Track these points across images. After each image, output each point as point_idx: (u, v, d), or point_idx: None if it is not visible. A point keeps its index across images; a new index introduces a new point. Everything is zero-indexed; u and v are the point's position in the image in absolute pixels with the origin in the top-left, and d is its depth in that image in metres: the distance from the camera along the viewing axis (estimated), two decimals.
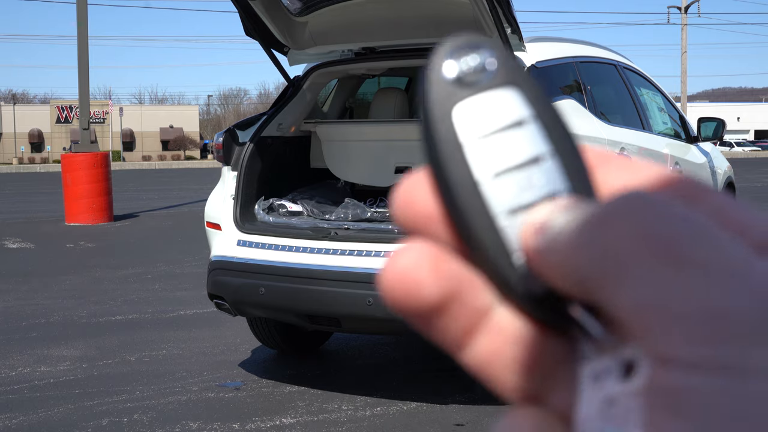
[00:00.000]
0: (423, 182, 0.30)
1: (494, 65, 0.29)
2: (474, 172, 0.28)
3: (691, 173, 5.89)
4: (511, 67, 0.29)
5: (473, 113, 0.29)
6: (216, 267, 4.40)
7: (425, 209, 0.29)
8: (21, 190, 23.49)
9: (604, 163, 0.29)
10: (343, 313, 4.03)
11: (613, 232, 0.25)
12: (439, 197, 0.29)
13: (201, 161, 51.30)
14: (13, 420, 4.04)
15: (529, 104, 0.29)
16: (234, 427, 3.93)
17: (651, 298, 0.24)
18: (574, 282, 0.26)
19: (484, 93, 0.29)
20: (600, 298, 0.25)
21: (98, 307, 6.57)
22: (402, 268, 0.29)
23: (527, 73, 0.30)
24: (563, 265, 0.26)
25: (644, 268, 0.24)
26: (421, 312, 0.29)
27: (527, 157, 0.28)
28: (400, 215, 0.30)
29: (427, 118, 0.29)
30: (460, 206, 0.28)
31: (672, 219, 0.24)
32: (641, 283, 0.24)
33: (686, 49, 42.65)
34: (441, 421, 3.98)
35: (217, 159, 4.88)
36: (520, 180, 0.28)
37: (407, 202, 0.30)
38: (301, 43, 4.83)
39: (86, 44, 13.28)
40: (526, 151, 0.28)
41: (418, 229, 0.30)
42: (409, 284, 0.28)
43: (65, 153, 14.07)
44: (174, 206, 16.28)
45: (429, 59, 0.29)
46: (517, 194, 0.28)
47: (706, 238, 0.24)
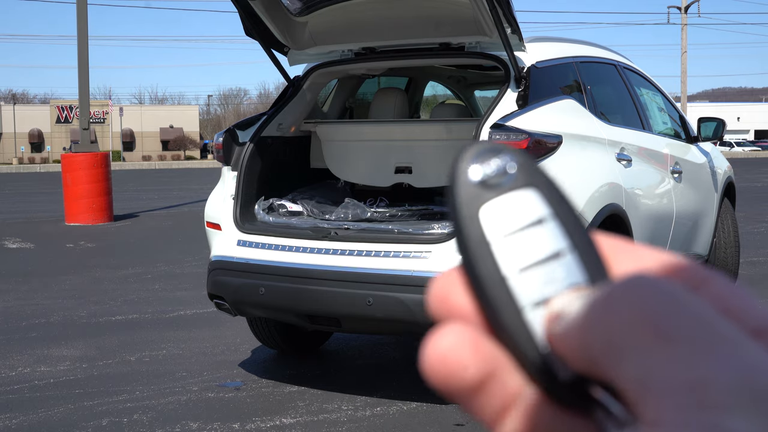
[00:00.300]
0: (456, 278, 0.33)
1: (515, 168, 0.32)
2: (501, 268, 0.31)
3: (691, 172, 5.89)
4: (530, 169, 0.32)
5: (498, 213, 0.32)
6: (216, 267, 4.40)
7: (459, 304, 0.32)
8: (21, 190, 23.49)
9: (616, 252, 0.33)
10: (343, 313, 4.02)
11: (615, 314, 0.28)
12: (471, 291, 0.32)
13: (201, 161, 51.29)
14: (13, 420, 4.03)
15: (548, 203, 0.32)
16: (234, 427, 3.93)
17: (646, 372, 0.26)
18: (588, 362, 0.28)
19: (506, 194, 0.32)
20: (609, 375, 0.28)
21: (98, 307, 6.57)
22: (444, 349, 0.31)
23: (545, 173, 0.33)
24: (577, 346, 0.29)
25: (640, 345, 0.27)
26: (462, 390, 0.31)
27: (549, 253, 0.31)
28: (436, 310, 0.33)
29: (456, 218, 0.32)
30: (490, 300, 0.31)
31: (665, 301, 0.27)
32: (637, 359, 0.27)
33: (686, 49, 42.64)
34: (441, 421, 3.98)
35: (217, 159, 4.88)
36: (543, 274, 0.31)
37: (442, 297, 0.33)
38: (301, 43, 4.83)
39: (86, 44, 13.28)
40: (547, 247, 0.31)
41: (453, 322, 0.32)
42: (452, 364, 0.31)
43: (65, 153, 14.07)
44: (174, 206, 16.28)
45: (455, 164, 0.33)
46: (541, 287, 0.31)
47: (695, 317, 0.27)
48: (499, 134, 3.93)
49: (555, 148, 4.09)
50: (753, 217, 12.31)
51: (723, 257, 6.49)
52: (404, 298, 3.83)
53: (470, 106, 6.59)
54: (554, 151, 4.08)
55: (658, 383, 0.26)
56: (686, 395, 0.26)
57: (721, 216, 6.49)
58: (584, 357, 0.29)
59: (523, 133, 3.94)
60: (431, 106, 6.46)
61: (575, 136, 4.33)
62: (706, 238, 6.23)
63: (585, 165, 4.35)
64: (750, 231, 10.65)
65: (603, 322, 0.28)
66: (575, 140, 4.31)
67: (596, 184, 4.34)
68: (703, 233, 6.13)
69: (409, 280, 3.85)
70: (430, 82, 6.64)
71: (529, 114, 4.11)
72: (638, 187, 4.85)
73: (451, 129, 4.90)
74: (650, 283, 0.28)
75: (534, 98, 4.23)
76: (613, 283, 0.29)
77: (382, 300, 3.88)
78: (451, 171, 0.33)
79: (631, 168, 4.84)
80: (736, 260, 6.58)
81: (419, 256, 3.90)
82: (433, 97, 7.13)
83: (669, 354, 0.26)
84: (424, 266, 3.87)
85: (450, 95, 6.92)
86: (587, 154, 4.41)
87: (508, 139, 3.92)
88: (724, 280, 0.30)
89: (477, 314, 0.32)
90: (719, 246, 6.46)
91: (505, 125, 3.96)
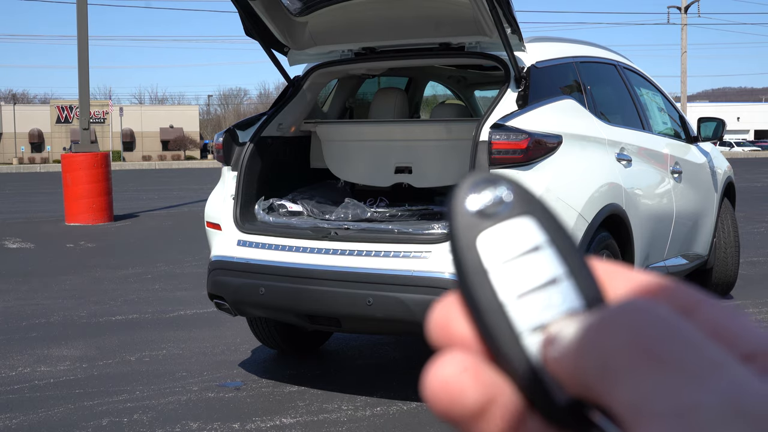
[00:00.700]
0: (455, 305, 0.33)
1: (511, 197, 0.33)
2: (499, 294, 0.32)
3: (691, 172, 5.89)
4: (526, 198, 0.33)
5: (495, 241, 0.33)
6: (216, 267, 4.40)
7: (458, 332, 0.33)
8: (21, 190, 23.49)
9: (612, 277, 0.33)
10: (343, 313, 4.02)
11: (609, 338, 0.28)
12: (470, 318, 0.33)
13: (201, 161, 51.29)
14: (13, 420, 4.04)
15: (544, 230, 0.33)
16: (234, 427, 3.93)
17: (637, 397, 0.27)
18: (583, 385, 0.29)
19: (503, 222, 0.33)
20: (604, 399, 0.28)
21: (98, 307, 6.57)
22: (445, 376, 0.32)
23: (541, 202, 0.33)
24: (573, 370, 0.29)
25: (632, 370, 0.28)
26: (464, 417, 0.32)
27: (545, 279, 0.32)
28: (436, 337, 0.34)
29: (454, 246, 0.33)
30: (488, 327, 0.32)
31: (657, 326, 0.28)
32: (630, 384, 0.27)
33: (686, 49, 42.64)
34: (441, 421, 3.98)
35: (217, 159, 4.88)
36: (540, 300, 0.32)
37: (442, 325, 0.33)
38: (301, 43, 4.83)
39: (86, 44, 13.28)
40: (544, 273, 0.32)
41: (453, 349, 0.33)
42: (453, 392, 0.32)
43: (65, 153, 14.07)
44: (174, 206, 16.28)
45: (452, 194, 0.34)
46: (539, 313, 0.32)
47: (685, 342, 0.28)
48: (499, 134, 3.93)
49: (555, 148, 4.09)
50: (753, 217, 12.31)
51: (723, 257, 6.49)
52: (404, 298, 3.83)
53: (470, 106, 6.59)
54: (554, 151, 4.08)
55: (650, 408, 0.27)
56: (676, 420, 0.26)
57: (721, 216, 6.49)
58: (580, 381, 0.29)
59: (523, 133, 3.94)
60: (431, 106, 6.46)
61: (575, 136, 4.33)
62: (706, 238, 6.23)
63: (585, 165, 4.35)
64: (750, 231, 10.65)
65: (597, 346, 0.28)
66: (575, 140, 4.31)
67: (596, 184, 4.34)
68: (703, 233, 6.13)
69: (409, 280, 3.85)
70: (430, 82, 6.64)
71: (529, 114, 4.11)
72: (638, 187, 4.85)
73: (451, 129, 4.90)
74: (643, 308, 0.29)
75: (534, 98, 4.23)
76: (607, 308, 0.29)
77: (382, 300, 3.88)
78: (448, 201, 0.34)
79: (631, 168, 4.84)
80: (736, 260, 6.58)
81: (419, 256, 3.90)
82: (433, 97, 7.13)
83: (659, 379, 0.27)
84: (424, 266, 3.87)
85: (450, 95, 6.92)
86: (587, 154, 4.41)
87: (508, 139, 3.92)
88: (716, 304, 0.31)
89: (476, 341, 0.32)
90: (719, 246, 6.46)
91: (505, 125, 3.96)
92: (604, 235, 4.35)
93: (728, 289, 6.64)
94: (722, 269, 6.49)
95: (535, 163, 3.98)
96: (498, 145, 3.91)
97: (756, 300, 6.48)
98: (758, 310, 6.16)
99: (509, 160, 3.92)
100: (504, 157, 3.92)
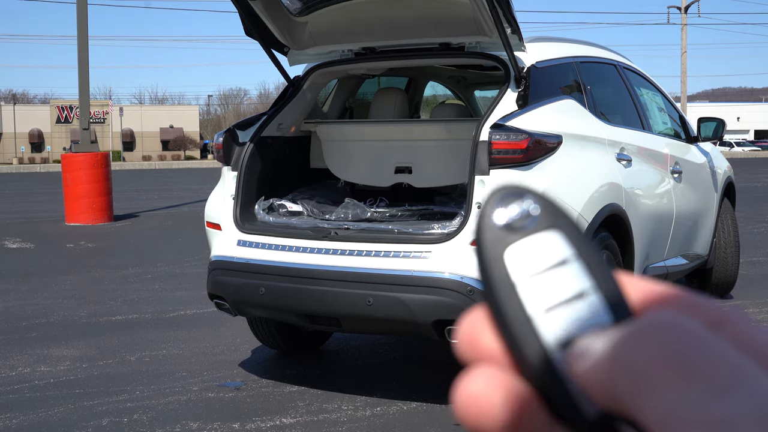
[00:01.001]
0: (482, 320, 0.34)
1: (537, 211, 0.33)
2: (527, 308, 0.32)
3: (691, 172, 5.89)
4: (553, 212, 0.34)
5: (523, 255, 0.33)
6: (216, 267, 4.40)
7: (487, 345, 0.33)
8: (21, 190, 23.48)
9: (639, 291, 0.33)
10: (343, 313, 4.02)
11: (639, 351, 0.29)
12: (498, 332, 0.33)
13: (201, 161, 51.28)
14: (13, 420, 4.04)
15: (571, 244, 0.33)
16: (234, 427, 3.93)
17: (668, 410, 0.27)
18: (613, 399, 0.29)
19: (530, 236, 0.33)
20: (634, 412, 0.29)
21: (98, 307, 6.57)
22: (475, 391, 0.32)
23: (568, 215, 0.34)
24: (602, 383, 0.30)
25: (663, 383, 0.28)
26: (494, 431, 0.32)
27: (573, 293, 0.32)
28: (465, 351, 0.34)
29: (482, 260, 0.33)
30: (516, 341, 0.32)
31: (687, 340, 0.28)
32: (661, 397, 0.28)
33: (686, 49, 42.64)
34: (441, 421, 3.98)
35: (217, 159, 4.88)
36: (568, 314, 0.32)
37: (470, 338, 0.34)
38: (301, 44, 4.83)
39: (86, 44, 13.28)
40: (571, 287, 0.32)
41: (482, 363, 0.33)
42: (484, 407, 0.32)
43: (65, 153, 14.07)
44: (174, 206, 16.27)
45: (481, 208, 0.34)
46: (567, 327, 0.32)
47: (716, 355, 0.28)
48: (499, 134, 3.93)
49: (555, 148, 4.09)
50: (753, 217, 12.31)
51: (723, 257, 6.49)
52: (404, 298, 3.83)
53: (470, 106, 6.59)
54: (554, 151, 4.08)
55: (681, 420, 0.27)
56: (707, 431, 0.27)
57: (721, 216, 6.49)
58: (610, 394, 0.29)
59: (523, 133, 3.94)
60: (431, 106, 6.46)
61: (575, 136, 4.33)
62: (706, 238, 6.23)
63: (585, 165, 4.35)
64: (750, 231, 10.65)
65: (628, 359, 0.29)
66: (575, 140, 4.31)
67: (596, 184, 4.34)
68: (703, 233, 6.13)
69: (409, 280, 3.85)
70: (430, 82, 6.64)
71: (529, 114, 4.11)
72: (638, 187, 4.85)
73: (451, 129, 4.90)
74: (673, 322, 0.29)
75: (534, 98, 4.23)
76: (637, 322, 0.30)
77: (382, 300, 3.88)
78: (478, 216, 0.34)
79: (631, 168, 4.84)
80: (736, 260, 6.58)
81: (419, 256, 3.90)
82: (433, 97, 7.13)
83: (691, 392, 0.27)
84: (424, 266, 3.87)
85: (450, 95, 6.92)
86: (587, 154, 4.41)
87: (508, 139, 3.92)
88: (743, 319, 0.31)
89: (505, 354, 0.33)
90: (719, 246, 6.46)
91: (505, 125, 3.96)
92: (604, 235, 4.35)
93: (728, 289, 6.64)
94: (722, 269, 6.49)
95: (535, 163, 3.98)
96: (498, 145, 3.91)
97: (756, 300, 6.48)
98: (758, 310, 6.16)
99: (509, 160, 3.92)
100: (504, 157, 3.91)
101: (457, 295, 3.76)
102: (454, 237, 3.88)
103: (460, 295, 3.76)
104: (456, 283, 3.78)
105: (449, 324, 3.81)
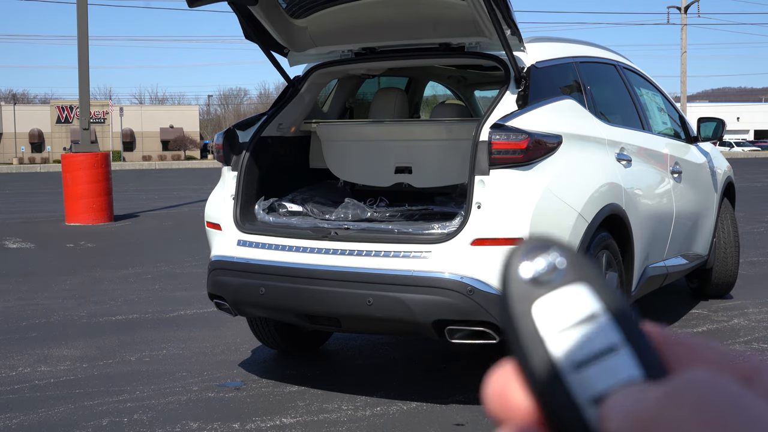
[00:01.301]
0: (511, 375, 0.33)
1: (564, 264, 0.33)
2: (557, 364, 0.32)
3: (691, 172, 5.89)
4: (579, 264, 0.33)
5: (550, 309, 0.32)
6: (216, 267, 4.40)
7: (516, 402, 0.33)
8: (21, 190, 23.49)
9: (669, 344, 0.33)
10: (343, 313, 4.03)
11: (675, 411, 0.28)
12: (527, 387, 0.32)
13: (201, 161, 51.29)
14: (13, 420, 4.04)
15: (599, 298, 0.33)
16: (234, 427, 3.93)
17: None
18: None
19: (558, 290, 0.33)
20: None
21: (98, 307, 6.57)
22: None
23: (594, 268, 0.33)
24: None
25: None
26: None
27: (603, 348, 0.32)
28: (494, 407, 0.33)
29: (509, 314, 0.33)
30: (547, 397, 0.32)
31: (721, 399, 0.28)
32: None
33: (686, 49, 42.65)
34: (441, 421, 3.98)
35: (217, 159, 4.89)
36: (599, 369, 0.31)
37: (499, 394, 0.33)
38: (300, 45, 4.83)
39: (86, 44, 13.28)
40: (601, 341, 0.32)
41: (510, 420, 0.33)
42: None
43: (65, 153, 14.07)
44: (174, 206, 16.28)
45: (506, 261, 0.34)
46: (598, 383, 0.31)
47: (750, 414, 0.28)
48: (499, 134, 3.93)
49: (555, 148, 4.09)
50: (753, 217, 12.31)
51: (723, 257, 6.49)
52: (404, 298, 3.83)
53: (470, 106, 6.59)
54: (554, 151, 4.08)
55: None
56: None
57: (721, 216, 6.49)
58: None
59: (522, 133, 3.94)
60: (431, 106, 6.46)
61: (575, 136, 4.33)
62: (706, 238, 6.23)
63: (585, 165, 4.35)
64: (750, 231, 10.65)
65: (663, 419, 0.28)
66: (575, 140, 4.31)
67: (596, 184, 4.34)
68: (702, 233, 6.13)
69: (409, 280, 3.85)
70: (430, 82, 6.64)
71: (529, 114, 4.11)
72: (638, 187, 4.85)
73: (451, 129, 4.90)
74: (707, 381, 0.29)
75: (534, 98, 4.23)
76: (672, 380, 0.29)
77: (382, 300, 3.88)
78: (502, 269, 0.34)
79: (631, 168, 4.84)
80: (736, 260, 6.58)
81: (419, 256, 3.90)
82: (433, 97, 7.13)
83: None
84: (424, 266, 3.87)
85: (450, 95, 6.92)
86: (587, 155, 4.41)
87: (508, 139, 3.92)
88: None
89: (535, 411, 0.32)
90: (719, 246, 6.46)
91: (505, 125, 3.96)
92: (603, 235, 4.35)
93: (728, 289, 6.64)
94: (722, 269, 6.49)
95: (535, 163, 3.98)
96: (498, 145, 3.91)
97: (756, 300, 6.48)
98: (758, 310, 6.16)
99: (509, 160, 3.92)
100: (504, 157, 3.92)
101: (457, 295, 3.77)
102: (454, 237, 3.88)
103: (460, 295, 3.76)
104: (456, 283, 3.78)
105: (449, 324, 3.81)
